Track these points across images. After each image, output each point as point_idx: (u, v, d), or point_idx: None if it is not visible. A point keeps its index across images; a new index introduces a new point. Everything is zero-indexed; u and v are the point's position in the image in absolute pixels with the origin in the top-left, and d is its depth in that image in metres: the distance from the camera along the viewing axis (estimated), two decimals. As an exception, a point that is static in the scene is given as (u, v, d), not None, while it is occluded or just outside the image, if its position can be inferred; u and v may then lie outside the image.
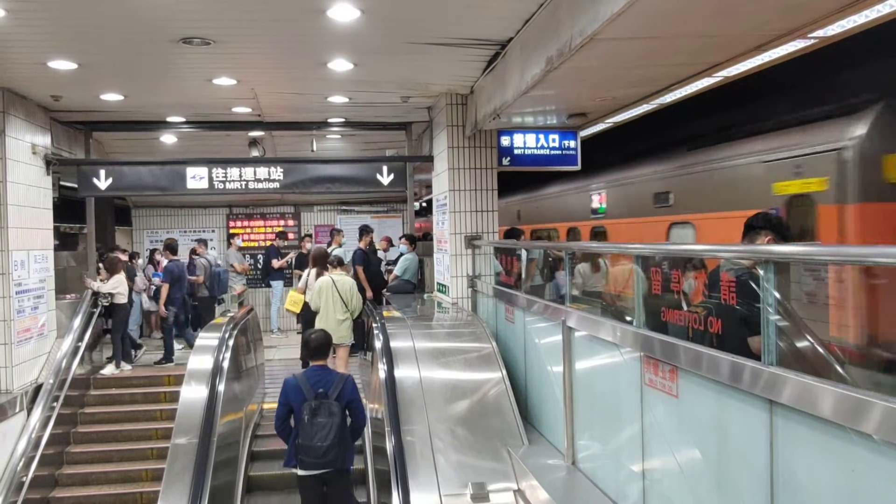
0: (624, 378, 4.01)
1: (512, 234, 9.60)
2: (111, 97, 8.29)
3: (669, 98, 6.61)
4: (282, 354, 11.22)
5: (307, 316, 8.95)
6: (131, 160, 9.97)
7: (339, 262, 8.76)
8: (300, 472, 5.56)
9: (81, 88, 7.85)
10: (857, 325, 5.27)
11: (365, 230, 10.71)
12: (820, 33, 4.51)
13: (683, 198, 8.43)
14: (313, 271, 9.00)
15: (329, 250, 10.20)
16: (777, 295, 2.71)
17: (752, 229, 3.89)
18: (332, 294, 8.15)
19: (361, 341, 9.37)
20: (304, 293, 9.06)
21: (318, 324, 7.91)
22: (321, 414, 5.43)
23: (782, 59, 5.12)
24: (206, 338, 6.94)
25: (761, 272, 2.74)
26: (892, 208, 5.90)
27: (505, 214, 10.78)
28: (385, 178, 9.25)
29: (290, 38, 6.14)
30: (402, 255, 10.23)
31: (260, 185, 9.13)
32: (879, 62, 6.61)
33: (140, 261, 12.34)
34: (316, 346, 5.90)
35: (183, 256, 11.09)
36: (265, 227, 14.80)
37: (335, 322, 8.06)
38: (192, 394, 6.08)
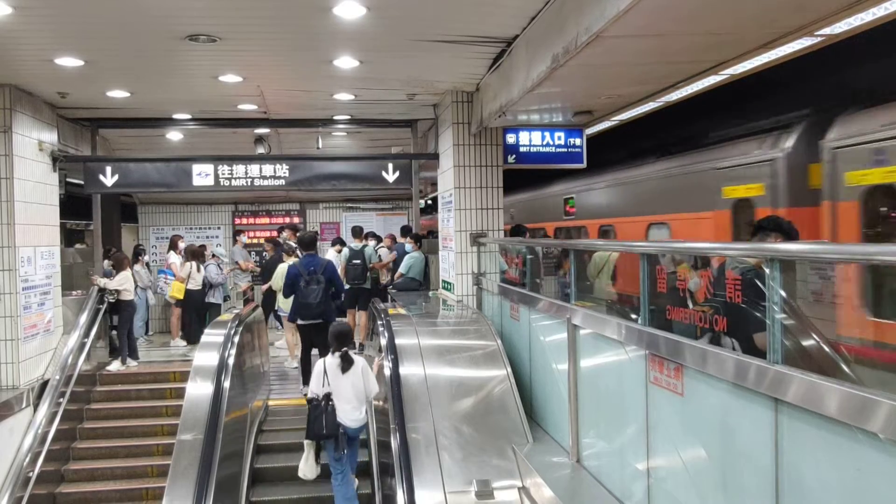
0: (629, 376, 4.01)
1: (517, 231, 9.60)
2: (117, 94, 8.31)
3: (675, 96, 6.60)
4: (288, 351, 11.22)
5: (186, 304, 10.83)
6: (137, 157, 9.99)
7: (291, 251, 10.04)
8: (300, 323, 8.36)
9: (88, 85, 7.87)
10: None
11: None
12: (827, 31, 4.50)
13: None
14: (193, 263, 10.76)
15: (377, 247, 11.37)
16: (782, 293, 2.71)
17: (761, 230, 3.98)
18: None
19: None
20: (186, 282, 10.74)
21: (280, 301, 9.95)
22: (312, 283, 8.09)
23: (788, 56, 5.11)
24: (212, 334, 6.97)
25: (766, 270, 2.74)
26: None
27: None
28: (390, 176, 9.25)
29: (296, 35, 6.15)
30: (406, 252, 10.25)
31: (266, 182, 9.14)
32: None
33: (146, 257, 12.36)
34: (309, 241, 8.83)
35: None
36: (271, 223, 14.82)
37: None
38: (198, 390, 6.10)
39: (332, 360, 6.18)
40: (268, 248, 11.46)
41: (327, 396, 6.06)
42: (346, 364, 6.12)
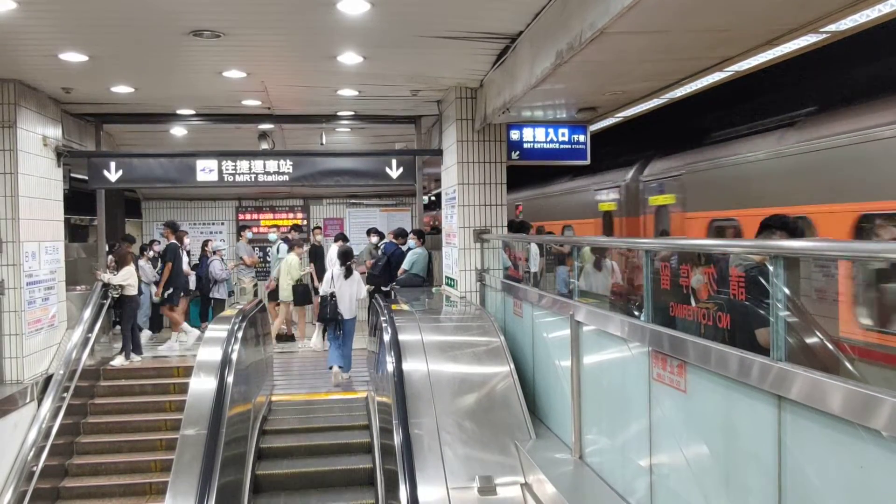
0: (632, 373, 4.01)
1: (520, 227, 9.59)
2: (121, 89, 8.32)
3: (680, 93, 6.58)
4: (290, 347, 11.25)
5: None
6: (141, 152, 10.01)
7: (293, 245, 11.59)
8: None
9: (92, 81, 7.88)
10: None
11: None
12: (832, 28, 4.48)
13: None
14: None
15: (379, 244, 11.86)
16: (786, 290, 2.70)
17: (766, 228, 4.02)
18: (284, 267, 11.33)
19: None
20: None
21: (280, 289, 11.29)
22: (380, 261, 10.38)
23: (792, 54, 5.09)
24: (216, 329, 6.97)
25: (770, 267, 2.73)
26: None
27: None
28: (394, 172, 9.25)
29: (299, 31, 6.15)
30: (410, 249, 10.24)
31: (269, 178, 9.15)
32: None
33: (150, 252, 12.35)
34: (398, 233, 10.76)
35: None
36: (275, 219, 14.84)
37: (284, 284, 11.25)
38: (201, 385, 6.09)
39: (339, 270, 9.10)
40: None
41: (332, 294, 8.90)
42: (348, 273, 9.11)
